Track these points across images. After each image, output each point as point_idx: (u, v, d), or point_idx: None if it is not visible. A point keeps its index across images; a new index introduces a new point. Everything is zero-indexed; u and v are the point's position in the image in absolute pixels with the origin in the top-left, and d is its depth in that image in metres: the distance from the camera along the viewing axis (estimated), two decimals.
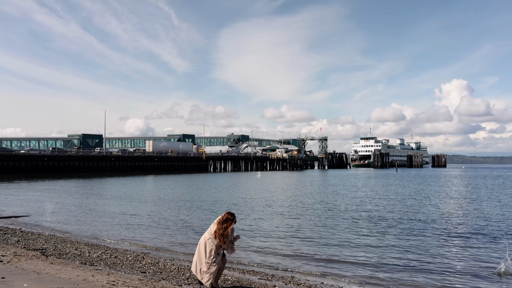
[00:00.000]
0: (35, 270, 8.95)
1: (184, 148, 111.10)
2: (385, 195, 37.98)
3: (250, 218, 22.03)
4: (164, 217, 22.24)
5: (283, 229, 18.50)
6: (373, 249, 14.35)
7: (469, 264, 12.36)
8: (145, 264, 10.92)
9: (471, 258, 13.11)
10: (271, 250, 14.14)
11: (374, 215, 23.39)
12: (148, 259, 11.74)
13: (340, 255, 13.46)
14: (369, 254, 13.57)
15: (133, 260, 11.42)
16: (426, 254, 13.74)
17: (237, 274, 10.57)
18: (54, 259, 10.74)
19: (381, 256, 13.38)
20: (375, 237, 16.56)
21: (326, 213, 24.43)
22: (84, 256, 11.82)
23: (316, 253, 13.67)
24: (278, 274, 11.02)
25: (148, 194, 37.55)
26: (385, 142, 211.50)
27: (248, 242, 15.39)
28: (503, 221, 20.98)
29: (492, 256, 13.38)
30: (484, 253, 13.77)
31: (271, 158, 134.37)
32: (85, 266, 10.13)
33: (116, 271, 9.88)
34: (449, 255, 13.52)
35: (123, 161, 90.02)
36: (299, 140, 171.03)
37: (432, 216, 22.95)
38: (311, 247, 14.57)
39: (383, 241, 15.72)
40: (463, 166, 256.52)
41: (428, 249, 14.48)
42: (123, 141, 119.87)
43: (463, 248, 14.64)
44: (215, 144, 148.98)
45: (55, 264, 9.93)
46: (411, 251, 14.03)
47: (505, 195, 37.36)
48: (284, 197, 35.31)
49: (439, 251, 14.13)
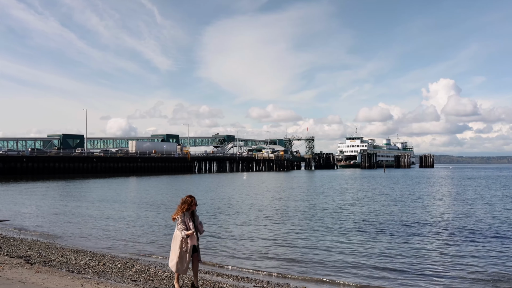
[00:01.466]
0: (20, 279, 8.71)
1: (168, 148, 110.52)
2: (377, 198, 38.17)
3: (238, 221, 21.91)
4: (149, 221, 22.00)
5: (273, 233, 18.41)
6: (368, 254, 14.33)
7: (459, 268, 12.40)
8: (136, 272, 10.71)
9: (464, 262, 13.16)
10: (262, 255, 14.04)
11: (369, 219, 23.43)
12: (138, 266, 11.53)
13: (333, 260, 13.41)
14: (364, 260, 13.53)
15: (122, 267, 11.21)
16: (422, 258, 13.75)
17: (232, 282, 10.44)
18: (39, 267, 10.48)
19: (377, 261, 13.34)
20: (372, 242, 16.55)
21: (318, 216, 24.41)
22: (70, 263, 11.56)
23: (312, 259, 13.60)
24: (272, 281, 10.90)
25: (131, 197, 37.17)
26: (371, 142, 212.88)
27: (238, 247, 15.27)
28: (496, 223, 21.17)
29: (485, 258, 13.45)
30: (479, 256, 13.84)
31: (257, 159, 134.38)
32: (73, 275, 9.89)
33: (106, 280, 9.67)
34: (448, 260, 13.55)
35: (105, 162, 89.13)
36: (285, 140, 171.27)
37: (426, 220, 23.06)
38: (304, 253, 14.50)
39: (380, 246, 15.71)
40: (450, 167, 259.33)
41: (423, 254, 14.50)
42: (105, 141, 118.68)
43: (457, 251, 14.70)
44: (200, 145, 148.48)
45: (41, 273, 9.68)
46: (405, 255, 14.03)
47: (495, 197, 37.79)
48: (272, 200, 35.25)
49: (437, 256, 14.15)
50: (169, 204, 30.78)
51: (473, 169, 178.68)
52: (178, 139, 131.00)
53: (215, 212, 25.93)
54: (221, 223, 21.20)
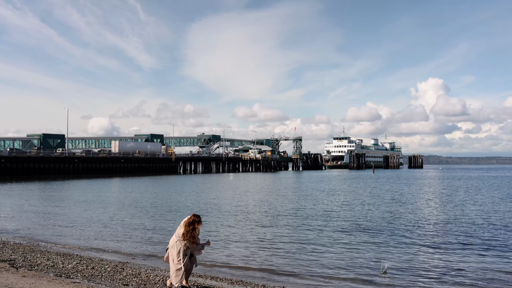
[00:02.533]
0: (6, 284, 8.52)
1: (153, 148, 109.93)
2: (370, 201, 38.34)
3: (226, 223, 21.82)
4: (134, 224, 21.79)
5: (264, 236, 18.36)
6: (362, 258, 14.34)
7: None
8: (126, 276, 10.54)
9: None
10: (254, 258, 13.99)
11: (362, 223, 23.49)
12: (128, 269, 11.37)
13: (327, 263, 13.40)
14: (359, 264, 13.53)
15: (112, 271, 11.04)
16: (413, 263, 13.79)
17: (226, 285, 10.33)
18: (25, 272, 10.27)
19: (369, 266, 13.36)
20: (364, 245, 16.58)
21: (308, 219, 24.42)
22: (57, 267, 11.35)
23: (305, 262, 13.58)
24: (269, 285, 10.82)
25: (114, 198, 36.82)
26: (358, 142, 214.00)
27: (230, 250, 15.18)
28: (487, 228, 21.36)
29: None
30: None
31: (244, 159, 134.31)
32: (61, 279, 9.70)
33: (96, 284, 9.50)
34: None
35: (87, 163, 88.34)
36: (272, 140, 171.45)
37: (422, 224, 23.19)
38: (298, 256, 14.47)
39: (374, 250, 15.74)
40: (440, 167, 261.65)
41: (413, 261, 14.55)
42: (87, 141, 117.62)
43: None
44: (184, 145, 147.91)
45: (27, 277, 9.48)
46: (398, 261, 14.06)
47: (491, 198, 38.18)
48: (260, 201, 35.21)
49: (436, 262, 14.21)
50: (154, 206, 30.56)
51: (462, 170, 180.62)
52: (163, 139, 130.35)
53: (203, 214, 25.78)
54: (209, 225, 21.06)
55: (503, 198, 37.20)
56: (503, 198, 37.66)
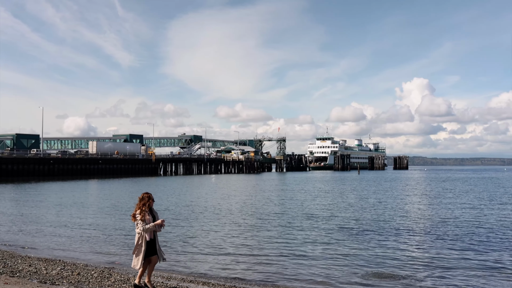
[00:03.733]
0: None
1: (132, 149, 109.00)
2: (362, 205, 38.51)
3: (207, 227, 21.74)
4: (114, 227, 21.59)
5: (247, 240, 18.32)
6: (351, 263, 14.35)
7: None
8: (115, 282, 10.33)
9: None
10: (234, 262, 13.99)
11: (354, 226, 23.58)
12: (116, 275, 11.16)
13: (310, 269, 13.42)
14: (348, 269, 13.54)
15: (99, 277, 10.83)
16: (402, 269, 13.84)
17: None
18: (7, 278, 10.00)
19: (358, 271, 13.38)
20: (352, 250, 16.61)
21: (292, 222, 24.44)
22: (41, 273, 11.10)
23: (284, 264, 13.60)
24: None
25: (93, 201, 36.44)
26: (342, 143, 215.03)
27: (211, 256, 15.10)
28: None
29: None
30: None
31: (226, 160, 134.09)
32: (47, 286, 9.48)
33: None
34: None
35: (63, 164, 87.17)
36: (255, 140, 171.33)
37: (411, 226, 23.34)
38: (279, 260, 14.45)
39: (362, 254, 15.78)
40: (425, 168, 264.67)
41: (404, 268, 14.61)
42: (63, 141, 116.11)
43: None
44: (165, 145, 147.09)
45: (10, 284, 9.24)
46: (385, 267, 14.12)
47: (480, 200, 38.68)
48: (244, 205, 35.16)
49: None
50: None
51: (448, 171, 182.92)
52: (142, 139, 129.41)
53: (184, 218, 25.65)
54: (190, 229, 20.95)
55: (491, 200, 37.71)
56: (491, 199, 38.17)
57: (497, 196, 42.36)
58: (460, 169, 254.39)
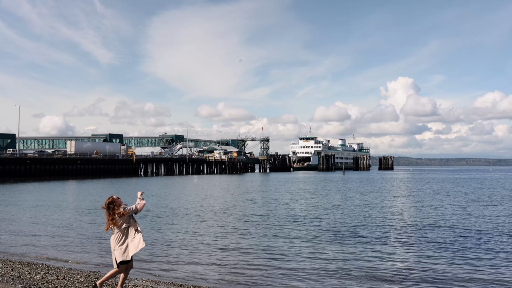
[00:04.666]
0: None
1: (111, 149, 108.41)
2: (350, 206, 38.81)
3: (190, 230, 21.91)
4: (92, 230, 21.64)
5: (232, 244, 18.51)
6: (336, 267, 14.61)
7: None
8: (103, 287, 10.40)
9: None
10: (219, 267, 14.13)
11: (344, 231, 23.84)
12: None
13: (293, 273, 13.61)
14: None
15: (86, 281, 10.90)
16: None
17: None
18: None
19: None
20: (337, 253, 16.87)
21: (277, 224, 24.66)
22: (25, 278, 11.14)
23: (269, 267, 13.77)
24: None
25: (70, 203, 36.26)
26: (325, 143, 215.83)
27: (191, 257, 15.31)
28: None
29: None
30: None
31: (209, 161, 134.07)
32: None
33: None
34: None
35: (40, 164, 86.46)
36: (238, 140, 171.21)
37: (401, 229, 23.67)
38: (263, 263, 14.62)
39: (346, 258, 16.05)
40: (410, 169, 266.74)
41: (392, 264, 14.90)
42: (40, 141, 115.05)
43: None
44: (145, 145, 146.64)
45: None
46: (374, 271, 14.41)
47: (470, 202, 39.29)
48: (227, 208, 35.33)
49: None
50: None
51: (433, 172, 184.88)
52: (122, 139, 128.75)
53: (165, 220, 25.76)
54: (171, 232, 21.10)
55: (480, 201, 38.31)
56: (480, 200, 38.79)
57: (485, 197, 43.00)
58: (446, 170, 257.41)
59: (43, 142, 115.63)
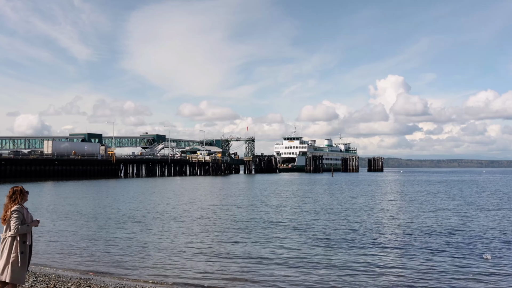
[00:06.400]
0: None
1: (90, 149, 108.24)
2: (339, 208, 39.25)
3: (174, 234, 22.42)
4: (73, 233, 22.09)
5: (218, 248, 19.10)
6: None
7: None
8: None
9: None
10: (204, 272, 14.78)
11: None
12: (95, 287, 11.71)
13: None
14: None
15: None
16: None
17: None
18: None
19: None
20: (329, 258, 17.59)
21: (261, 227, 25.25)
22: None
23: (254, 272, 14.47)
24: None
25: (47, 205, 36.44)
26: (311, 143, 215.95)
27: (177, 261, 15.87)
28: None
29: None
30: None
31: (192, 161, 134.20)
32: None
33: None
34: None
35: (15, 165, 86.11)
36: (222, 140, 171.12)
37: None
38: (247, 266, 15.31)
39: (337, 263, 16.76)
40: (401, 171, 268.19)
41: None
42: (15, 141, 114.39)
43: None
44: (126, 145, 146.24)
45: None
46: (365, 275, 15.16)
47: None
48: (212, 212, 35.77)
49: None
50: (98, 213, 30.66)
51: (424, 173, 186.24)
52: (101, 139, 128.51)
53: (147, 224, 26.28)
54: (152, 236, 21.65)
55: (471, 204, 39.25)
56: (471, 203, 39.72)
57: (480, 200, 43.91)
58: (437, 171, 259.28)
59: (19, 142, 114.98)
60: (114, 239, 20.39)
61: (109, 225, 25.07)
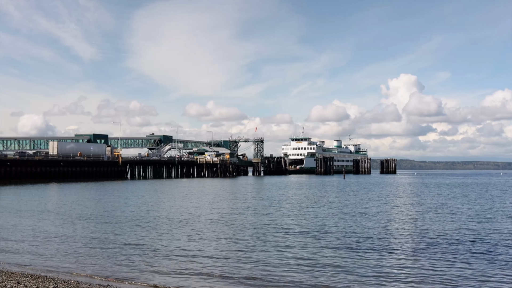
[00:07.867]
0: None
1: (96, 150, 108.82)
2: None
3: (183, 237, 22.75)
4: (83, 236, 22.33)
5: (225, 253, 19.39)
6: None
7: None
8: None
9: None
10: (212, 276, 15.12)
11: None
12: None
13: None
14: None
15: None
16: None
17: None
18: None
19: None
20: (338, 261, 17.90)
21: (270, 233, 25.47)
22: None
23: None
24: None
25: (53, 207, 36.82)
26: (320, 144, 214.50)
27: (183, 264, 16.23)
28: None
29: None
30: None
31: (200, 163, 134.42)
32: None
33: None
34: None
35: (21, 166, 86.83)
36: (230, 141, 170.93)
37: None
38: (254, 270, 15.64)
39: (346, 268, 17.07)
40: (415, 173, 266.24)
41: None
42: (21, 141, 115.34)
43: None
44: (131, 146, 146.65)
45: None
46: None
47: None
48: (222, 217, 35.89)
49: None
50: (105, 216, 30.94)
51: (439, 176, 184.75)
52: (107, 139, 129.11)
53: (157, 228, 26.56)
54: (162, 239, 21.97)
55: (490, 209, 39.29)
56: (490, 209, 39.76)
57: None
58: (453, 174, 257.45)
59: (24, 142, 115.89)
60: (129, 243, 20.61)
61: (121, 229, 25.29)
